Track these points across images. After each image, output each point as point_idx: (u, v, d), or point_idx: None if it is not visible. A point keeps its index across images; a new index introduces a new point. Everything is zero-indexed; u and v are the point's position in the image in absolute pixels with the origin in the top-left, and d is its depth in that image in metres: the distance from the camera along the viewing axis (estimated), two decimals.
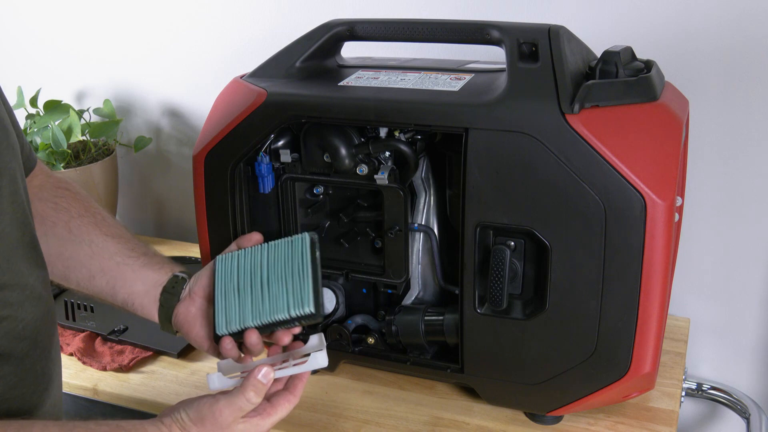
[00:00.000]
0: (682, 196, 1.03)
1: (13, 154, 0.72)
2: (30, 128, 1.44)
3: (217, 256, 0.88)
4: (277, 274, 0.81)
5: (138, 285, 0.88)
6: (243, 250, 0.87)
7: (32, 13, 1.58)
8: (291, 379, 0.79)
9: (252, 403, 0.74)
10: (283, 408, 0.76)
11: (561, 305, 0.86)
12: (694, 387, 1.24)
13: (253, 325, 0.80)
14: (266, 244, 0.85)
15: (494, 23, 0.88)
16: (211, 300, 0.86)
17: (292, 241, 0.82)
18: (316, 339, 0.81)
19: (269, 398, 0.77)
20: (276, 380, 0.78)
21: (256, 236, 0.89)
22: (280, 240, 0.84)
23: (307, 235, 0.83)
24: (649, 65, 0.89)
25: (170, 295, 0.87)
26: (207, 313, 0.86)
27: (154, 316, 0.88)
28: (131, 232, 0.93)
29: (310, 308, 0.78)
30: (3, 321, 0.68)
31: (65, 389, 1.09)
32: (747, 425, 1.16)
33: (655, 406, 1.00)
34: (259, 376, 0.74)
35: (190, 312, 0.86)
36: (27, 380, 0.72)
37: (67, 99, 1.53)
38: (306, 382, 0.79)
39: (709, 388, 1.24)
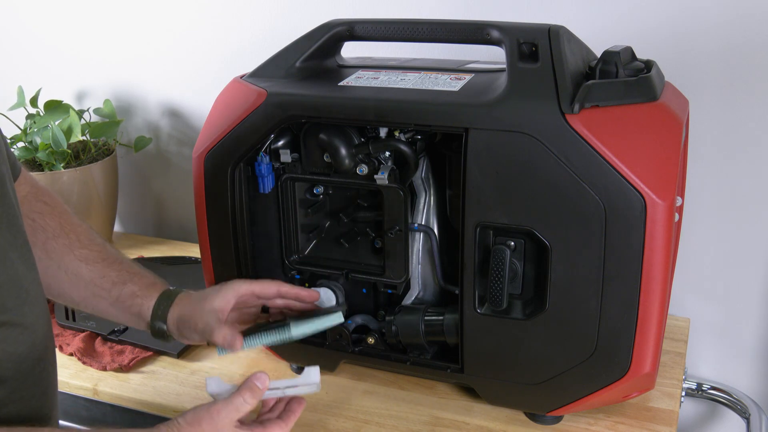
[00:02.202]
0: (682, 196, 1.03)
1: (1, 158, 0.72)
2: (30, 128, 1.44)
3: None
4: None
5: (122, 317, 0.89)
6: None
7: (32, 13, 1.58)
8: (285, 410, 0.80)
9: (248, 404, 0.75)
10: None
11: (561, 305, 0.86)
12: (694, 387, 1.24)
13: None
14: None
15: (494, 23, 0.88)
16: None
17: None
18: (311, 370, 0.82)
19: (262, 422, 0.78)
20: (271, 408, 0.81)
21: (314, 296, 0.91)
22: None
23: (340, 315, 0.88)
24: (649, 65, 0.89)
25: (161, 336, 0.88)
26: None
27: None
28: (104, 246, 0.91)
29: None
30: (2, 326, 0.68)
31: (65, 389, 1.09)
32: (747, 425, 1.16)
33: (655, 406, 1.00)
34: (255, 380, 0.76)
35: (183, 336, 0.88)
36: (26, 383, 0.72)
37: (67, 99, 1.53)
38: (299, 415, 0.80)
39: (709, 388, 1.24)
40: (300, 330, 0.87)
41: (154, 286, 0.89)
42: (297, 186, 1.00)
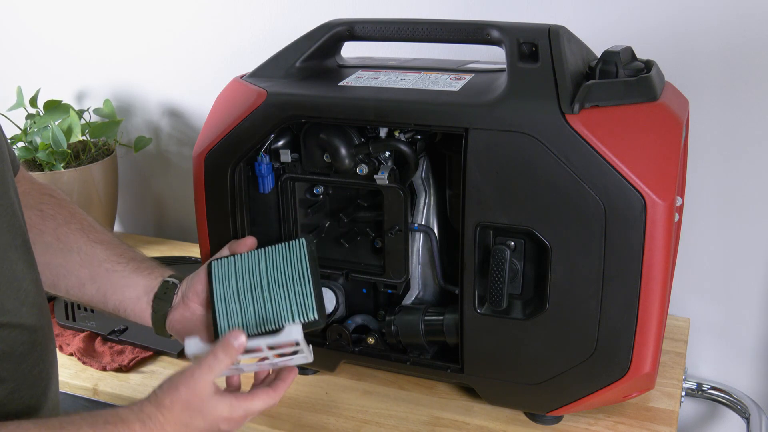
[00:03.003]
0: (682, 196, 1.03)
1: (2, 157, 0.71)
2: (30, 128, 1.44)
3: (212, 262, 0.87)
4: (277, 280, 0.81)
5: (129, 291, 0.88)
6: (239, 255, 0.86)
7: (32, 13, 1.58)
8: (276, 379, 0.79)
9: (222, 362, 0.72)
10: (260, 399, 0.75)
11: (561, 305, 0.86)
12: (694, 387, 1.24)
13: (256, 333, 0.80)
14: (263, 249, 0.84)
15: (494, 23, 0.88)
16: (207, 306, 0.86)
17: (289, 246, 0.82)
18: (292, 328, 0.77)
19: (251, 391, 0.77)
20: (263, 380, 0.79)
21: (250, 240, 0.89)
22: (276, 245, 0.83)
23: (304, 240, 0.82)
24: (649, 65, 0.89)
25: (162, 301, 0.87)
26: (204, 319, 0.86)
27: (147, 321, 0.88)
28: (118, 237, 0.93)
29: (314, 315, 0.78)
30: (1, 327, 0.68)
31: (65, 389, 1.09)
32: (747, 425, 1.16)
33: (655, 406, 1.00)
34: (231, 337, 0.73)
35: (185, 317, 0.87)
36: (26, 384, 0.72)
37: (67, 99, 1.53)
38: (290, 384, 0.79)
39: (709, 388, 1.24)
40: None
41: (172, 270, 0.92)
42: (297, 186, 1.00)
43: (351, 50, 1.07)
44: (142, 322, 0.89)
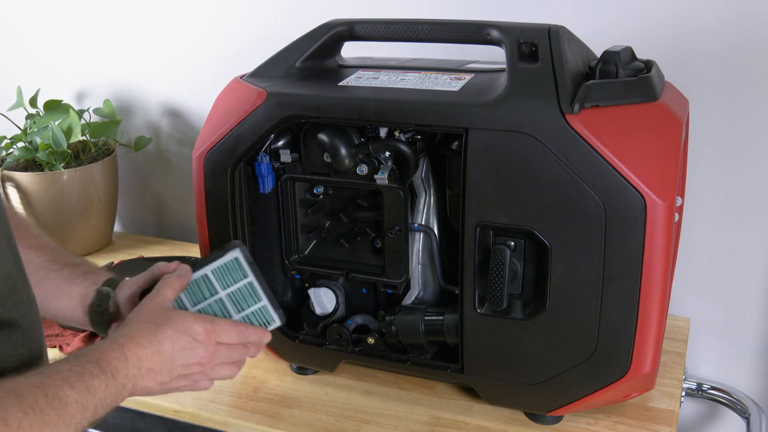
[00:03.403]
0: (682, 196, 1.03)
1: None
2: (30, 128, 1.44)
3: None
4: (232, 302, 0.81)
5: (64, 301, 0.85)
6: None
7: (32, 13, 1.58)
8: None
9: (170, 283, 0.77)
10: (233, 328, 0.77)
11: (561, 305, 0.86)
12: (694, 387, 1.24)
13: None
14: (201, 274, 0.81)
15: (494, 23, 0.88)
16: None
17: (226, 265, 0.80)
18: (231, 252, 0.80)
19: None
20: None
21: (173, 266, 0.84)
22: (212, 265, 0.80)
23: (237, 252, 0.80)
24: (649, 65, 0.89)
25: (98, 313, 0.85)
26: None
27: (89, 328, 0.87)
28: (54, 243, 0.89)
29: (276, 323, 0.81)
30: (3, 326, 0.68)
31: None
32: (747, 425, 1.16)
33: (655, 406, 1.00)
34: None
35: None
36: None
37: (67, 99, 1.53)
38: (265, 336, 0.80)
39: (709, 388, 1.24)
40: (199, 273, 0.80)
41: (106, 273, 0.89)
42: (297, 186, 1.00)
43: (351, 50, 1.07)
44: (86, 328, 0.88)
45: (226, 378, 0.79)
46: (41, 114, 1.46)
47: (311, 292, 1.01)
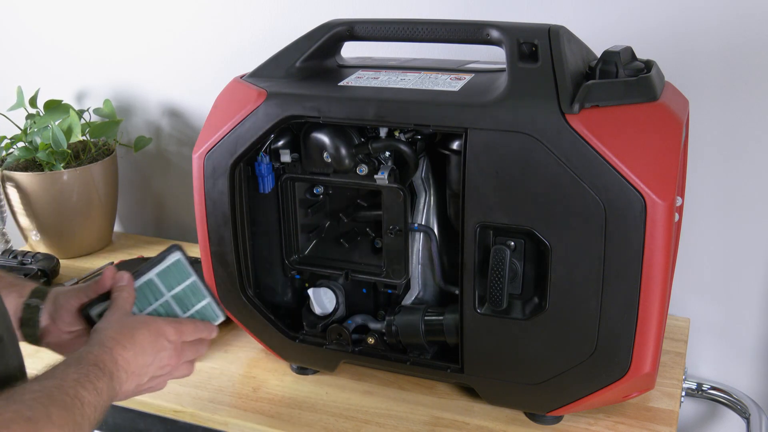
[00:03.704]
0: (682, 196, 1.03)
1: None
2: (30, 128, 1.44)
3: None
4: (178, 302, 0.85)
5: None
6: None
7: (32, 13, 1.58)
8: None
9: (122, 295, 0.80)
10: (189, 330, 0.81)
11: (561, 305, 0.86)
12: (694, 387, 1.24)
13: None
14: (146, 279, 0.84)
15: (494, 23, 0.88)
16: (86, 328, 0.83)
17: (170, 268, 0.85)
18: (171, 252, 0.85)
19: None
20: None
21: (119, 278, 0.85)
22: (156, 269, 0.84)
23: (178, 254, 0.85)
24: (649, 65, 0.89)
25: (29, 327, 0.83)
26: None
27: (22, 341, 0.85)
28: None
29: (221, 318, 0.87)
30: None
31: None
32: (747, 425, 1.16)
33: (655, 406, 1.00)
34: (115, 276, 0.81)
35: (62, 339, 0.83)
36: None
37: (67, 99, 1.53)
38: (213, 330, 0.84)
39: (709, 388, 1.24)
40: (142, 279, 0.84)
41: (31, 284, 0.87)
42: (297, 186, 1.00)
43: (351, 50, 1.07)
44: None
45: (185, 376, 0.83)
46: (41, 114, 1.46)
47: (311, 292, 1.01)
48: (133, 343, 0.74)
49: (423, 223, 0.98)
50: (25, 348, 0.77)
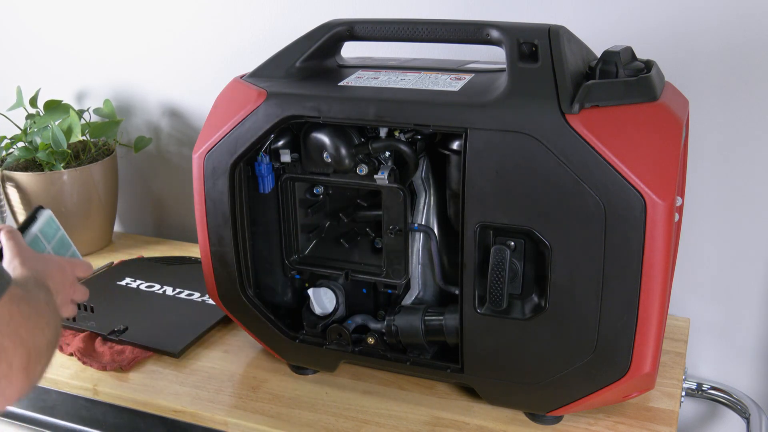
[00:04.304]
0: (682, 196, 1.03)
1: None
2: (30, 128, 1.44)
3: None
4: (56, 252, 0.96)
5: None
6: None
7: (32, 13, 1.59)
8: None
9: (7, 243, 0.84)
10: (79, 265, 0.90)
11: (561, 305, 0.86)
12: (694, 387, 1.24)
13: None
14: (33, 235, 0.94)
15: (494, 23, 0.88)
16: None
17: (47, 223, 0.96)
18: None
19: None
20: None
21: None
22: (37, 225, 0.95)
23: (48, 211, 0.97)
24: (649, 65, 0.89)
25: None
26: None
27: None
28: None
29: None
30: None
31: (65, 389, 1.09)
32: (747, 425, 1.16)
33: (655, 406, 1.00)
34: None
35: None
36: None
37: (67, 99, 1.53)
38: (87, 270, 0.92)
39: (709, 388, 1.24)
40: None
41: None
42: (297, 186, 1.00)
43: (351, 50, 1.07)
44: None
45: (67, 316, 0.89)
46: (41, 114, 1.46)
47: (311, 292, 1.01)
48: (44, 262, 0.84)
49: (423, 223, 0.98)
50: None
